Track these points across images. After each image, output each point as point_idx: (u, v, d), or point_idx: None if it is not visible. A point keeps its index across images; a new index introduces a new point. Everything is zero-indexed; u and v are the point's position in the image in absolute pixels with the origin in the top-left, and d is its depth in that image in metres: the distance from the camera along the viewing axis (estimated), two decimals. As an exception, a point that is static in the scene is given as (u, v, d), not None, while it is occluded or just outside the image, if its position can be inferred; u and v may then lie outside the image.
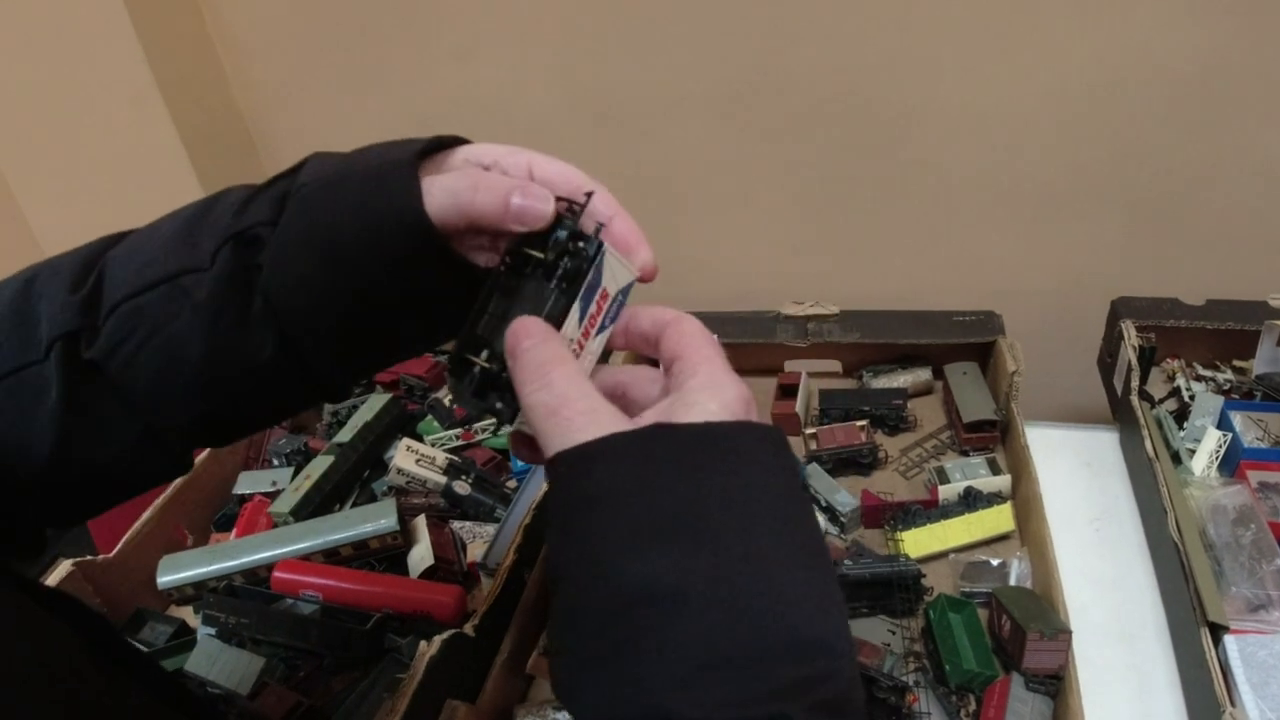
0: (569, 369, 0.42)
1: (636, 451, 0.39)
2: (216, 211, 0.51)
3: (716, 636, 0.35)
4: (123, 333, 0.49)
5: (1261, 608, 0.82)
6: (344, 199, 0.48)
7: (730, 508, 0.38)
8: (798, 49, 1.20)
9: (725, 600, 0.36)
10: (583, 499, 0.39)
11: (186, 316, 0.49)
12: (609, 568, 0.37)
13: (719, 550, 0.37)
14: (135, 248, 0.52)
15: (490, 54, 1.30)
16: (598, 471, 0.39)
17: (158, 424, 0.52)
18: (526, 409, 0.42)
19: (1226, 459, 0.96)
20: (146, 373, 0.49)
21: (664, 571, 0.36)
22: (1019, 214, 1.27)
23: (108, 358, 0.49)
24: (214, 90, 1.40)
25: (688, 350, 0.44)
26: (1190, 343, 1.10)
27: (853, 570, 0.86)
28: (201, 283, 0.49)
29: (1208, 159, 1.17)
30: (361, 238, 0.48)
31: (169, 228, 0.52)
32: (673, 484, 0.38)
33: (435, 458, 1.06)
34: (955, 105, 1.20)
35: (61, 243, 0.55)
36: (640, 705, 0.35)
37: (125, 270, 0.50)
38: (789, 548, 0.39)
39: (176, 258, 0.50)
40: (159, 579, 0.95)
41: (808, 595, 0.37)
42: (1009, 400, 1.03)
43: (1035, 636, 0.75)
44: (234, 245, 0.49)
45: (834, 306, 1.17)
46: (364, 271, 0.48)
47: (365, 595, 0.91)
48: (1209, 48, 1.09)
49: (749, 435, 0.41)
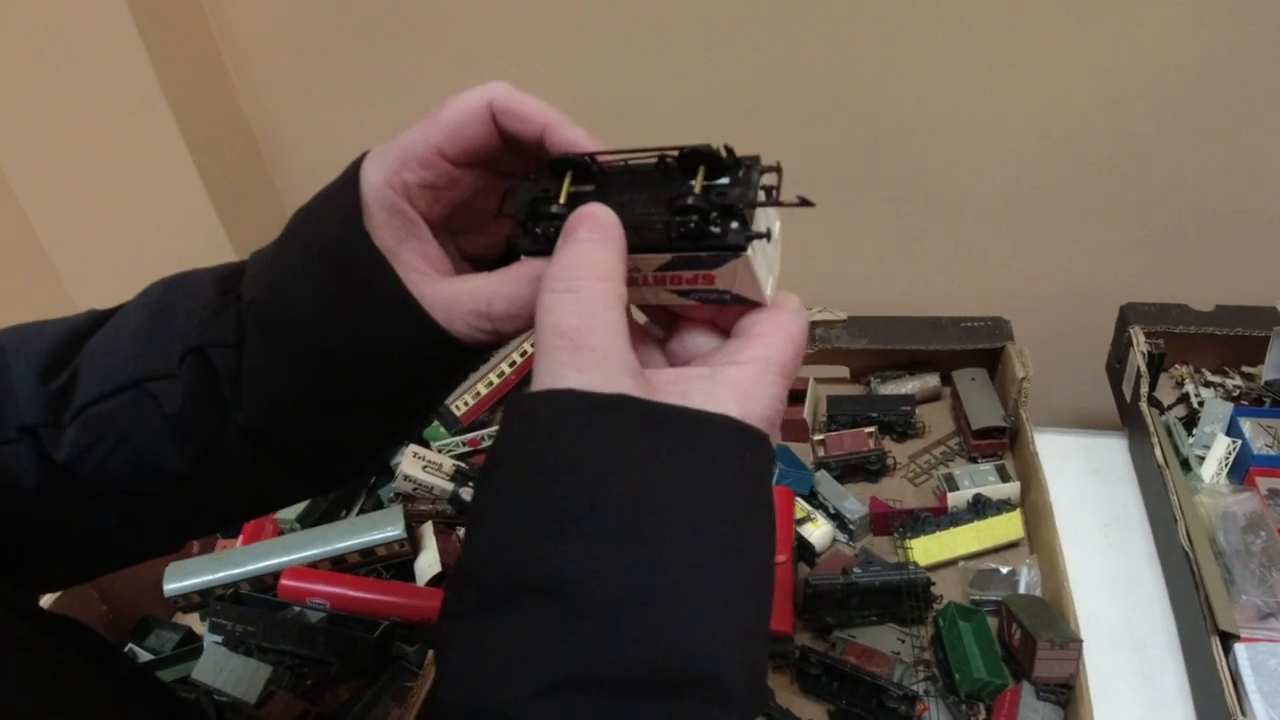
0: (609, 289, 0.36)
1: (594, 421, 0.34)
2: (181, 309, 0.48)
3: (595, 651, 0.31)
4: (90, 438, 0.46)
5: (1272, 615, 0.82)
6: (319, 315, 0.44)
7: (668, 511, 0.33)
8: (807, 54, 1.20)
9: (619, 613, 0.32)
10: (518, 452, 0.35)
11: (156, 424, 0.46)
12: (515, 539, 0.33)
13: (633, 558, 0.32)
14: (105, 343, 0.49)
15: (495, 62, 1.30)
16: (543, 432, 0.34)
17: (137, 520, 0.50)
18: (540, 305, 0.36)
19: (1236, 466, 0.96)
20: (120, 479, 0.47)
21: (565, 564, 0.32)
22: (1027, 220, 1.27)
23: (77, 461, 0.47)
24: (219, 96, 1.40)
25: (764, 340, 0.39)
26: (1199, 349, 1.10)
27: (862, 578, 0.85)
28: (170, 391, 0.46)
29: (1216, 164, 1.17)
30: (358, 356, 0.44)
31: (135, 320, 0.49)
32: (615, 468, 0.33)
33: (442, 464, 1.06)
34: (962, 111, 1.19)
35: (65, 247, 0.54)
36: (492, 704, 0.31)
37: (95, 370, 0.48)
38: (718, 576, 0.33)
39: (143, 360, 0.47)
40: (166, 586, 0.94)
41: (720, 634, 0.33)
42: (1018, 407, 1.02)
43: (1046, 645, 0.75)
44: (197, 356, 0.46)
45: (842, 312, 1.16)
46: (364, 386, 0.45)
47: (372, 603, 0.91)
48: (1217, 54, 1.09)
49: (723, 432, 0.35)
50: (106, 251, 1.47)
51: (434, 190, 0.44)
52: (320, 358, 0.44)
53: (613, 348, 0.35)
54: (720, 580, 0.33)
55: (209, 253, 1.44)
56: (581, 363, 0.34)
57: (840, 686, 0.80)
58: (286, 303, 0.44)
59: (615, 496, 0.33)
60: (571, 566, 0.32)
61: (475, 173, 0.46)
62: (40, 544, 0.49)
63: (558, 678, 0.31)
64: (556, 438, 0.34)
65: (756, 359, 0.37)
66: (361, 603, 0.91)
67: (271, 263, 0.46)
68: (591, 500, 0.33)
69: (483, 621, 0.33)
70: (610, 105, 1.30)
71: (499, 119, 0.43)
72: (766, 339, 0.38)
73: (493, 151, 0.44)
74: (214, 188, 1.39)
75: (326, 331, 0.43)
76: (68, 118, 1.33)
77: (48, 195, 1.42)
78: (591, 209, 0.38)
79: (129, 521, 0.50)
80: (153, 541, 0.54)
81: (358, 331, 0.43)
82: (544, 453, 0.34)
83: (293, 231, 0.45)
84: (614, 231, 0.37)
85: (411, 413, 0.51)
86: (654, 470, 0.33)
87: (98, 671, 0.46)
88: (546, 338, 0.36)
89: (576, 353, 0.35)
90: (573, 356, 0.35)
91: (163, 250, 1.46)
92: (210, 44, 1.37)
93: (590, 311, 0.35)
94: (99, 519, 0.49)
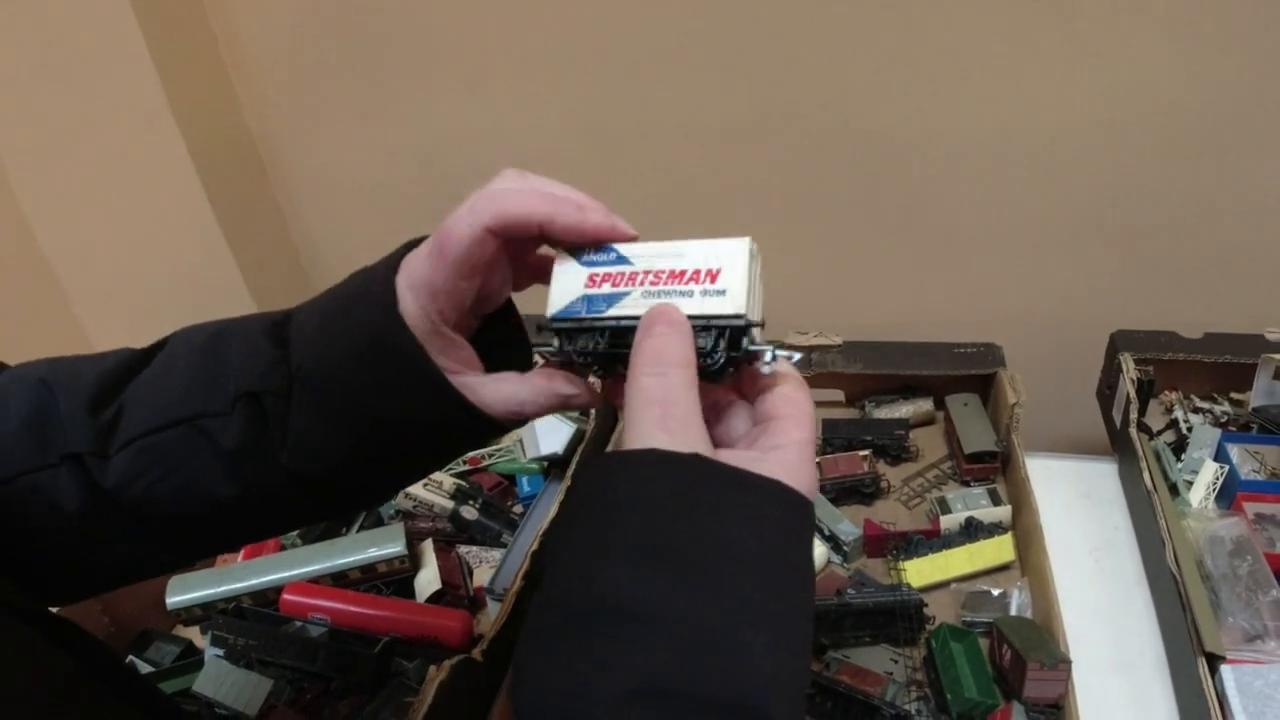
0: (688, 375, 0.43)
1: (672, 473, 0.40)
2: (231, 355, 0.52)
3: (661, 670, 0.36)
4: (140, 466, 0.51)
5: (1258, 638, 0.83)
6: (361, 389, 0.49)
7: (729, 558, 0.39)
8: (803, 81, 1.22)
9: (684, 639, 0.37)
10: (604, 498, 0.41)
11: (208, 457, 0.51)
12: (595, 568, 0.39)
13: (699, 591, 0.38)
14: (155, 381, 0.53)
15: (500, 84, 1.32)
16: (628, 479, 0.40)
17: (171, 540, 0.54)
18: (633, 384, 0.43)
19: (1223, 491, 0.97)
20: (164, 507, 0.51)
21: (639, 591, 0.37)
22: (1020, 247, 1.29)
23: (123, 489, 0.51)
24: (226, 114, 1.42)
25: (793, 420, 0.45)
26: (1188, 375, 1.11)
27: (855, 599, 0.87)
28: (225, 427, 0.51)
29: (1206, 194, 1.19)
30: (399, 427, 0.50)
31: (184, 361, 0.53)
32: (687, 515, 0.39)
33: (442, 482, 1.07)
34: (958, 139, 1.22)
35: (70, 261, 0.57)
36: (569, 710, 0.36)
37: (145, 406, 0.52)
38: (770, 618, 0.39)
39: (197, 400, 0.51)
40: (168, 599, 0.95)
41: (769, 667, 0.37)
42: (1009, 431, 1.04)
43: (1036, 666, 0.76)
44: (249, 400, 0.51)
45: (837, 337, 1.18)
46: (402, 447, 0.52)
47: (373, 619, 0.92)
48: (1207, 85, 1.11)
49: (780, 498, 0.41)
50: (111, 266, 1.48)
51: (460, 298, 0.49)
52: (365, 423, 0.50)
53: (692, 420, 0.42)
54: (771, 620, 0.39)
55: (213, 268, 1.45)
56: (670, 429, 0.41)
57: (834, 706, 0.81)
58: (332, 377, 0.50)
59: (685, 538, 0.39)
60: (644, 594, 0.37)
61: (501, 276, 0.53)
62: (71, 561, 0.52)
63: (632, 687, 0.35)
64: (640, 485, 0.40)
65: (795, 441, 0.44)
66: (362, 618, 0.92)
67: (317, 336, 0.51)
68: (666, 539, 0.38)
69: (565, 639, 0.38)
70: (610, 127, 1.33)
71: (499, 234, 0.48)
72: (797, 419, 0.45)
73: (501, 252, 0.50)
74: (219, 204, 1.40)
75: (371, 405, 0.49)
76: (76, 133, 1.34)
77: (54, 209, 1.43)
78: (665, 308, 0.45)
79: (162, 542, 0.54)
80: (177, 559, 0.58)
81: (402, 407, 0.49)
82: (627, 497, 0.40)
83: (334, 310, 0.51)
84: (685, 326, 0.45)
85: (447, 460, 0.58)
86: (719, 519, 0.39)
87: (104, 683, 0.48)
88: (638, 410, 0.42)
89: (665, 421, 0.41)
90: (663, 424, 0.41)
91: (167, 265, 1.47)
92: (218, 62, 1.38)
93: (674, 389, 0.42)
94: (133, 539, 0.53)
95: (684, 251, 0.47)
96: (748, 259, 0.46)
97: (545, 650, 0.38)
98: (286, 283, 1.58)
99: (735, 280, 0.46)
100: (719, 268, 0.46)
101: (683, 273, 0.47)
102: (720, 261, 0.46)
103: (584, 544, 0.40)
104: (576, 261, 0.49)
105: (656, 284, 0.47)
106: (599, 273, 0.48)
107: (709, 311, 0.45)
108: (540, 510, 1.03)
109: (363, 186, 1.49)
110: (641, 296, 0.47)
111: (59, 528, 0.51)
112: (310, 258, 1.61)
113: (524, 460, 1.12)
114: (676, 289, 0.46)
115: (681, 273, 0.47)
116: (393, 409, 0.49)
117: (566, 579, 0.40)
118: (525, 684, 0.38)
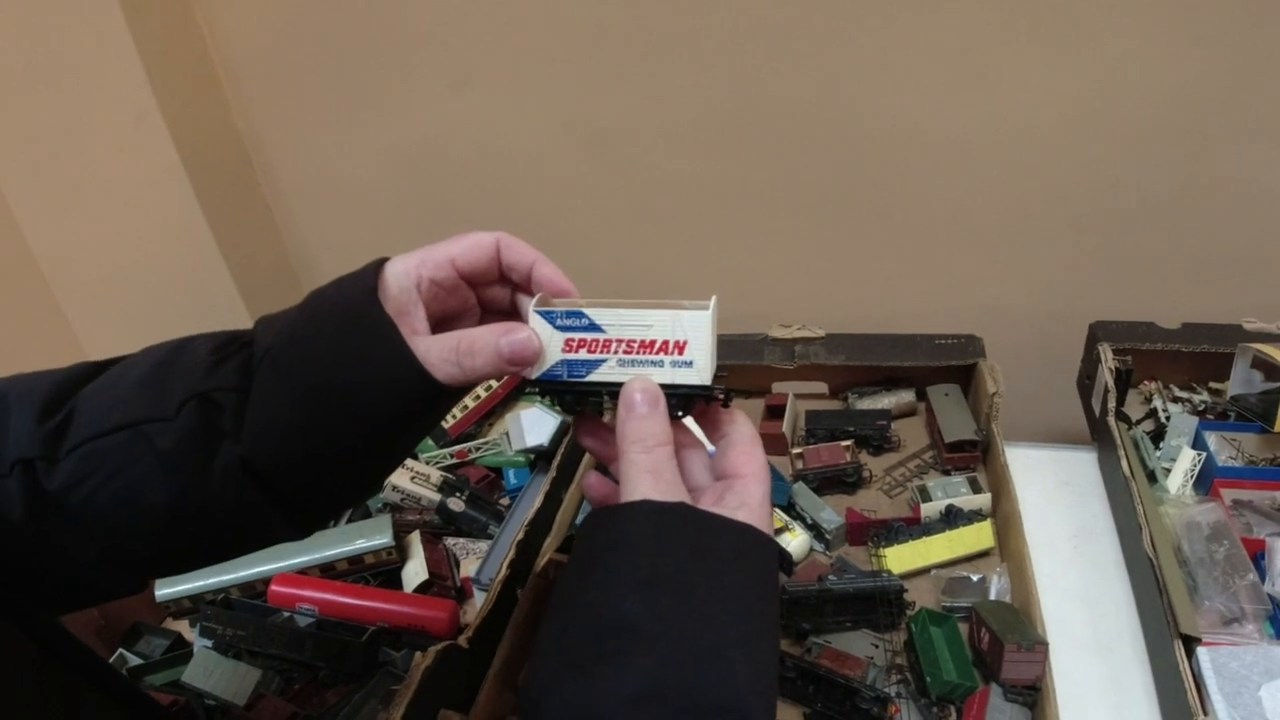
0: (669, 451, 0.52)
1: (665, 518, 0.49)
2: (185, 363, 0.55)
3: (664, 678, 0.44)
4: (84, 470, 0.51)
5: (1235, 621, 0.84)
6: (324, 358, 0.53)
7: (716, 588, 0.47)
8: (785, 79, 1.23)
9: (682, 653, 0.45)
10: (609, 540, 0.49)
11: (148, 462, 0.52)
12: (609, 597, 0.46)
13: (694, 614, 0.46)
14: (106, 388, 0.55)
15: (487, 83, 1.33)
16: (630, 524, 0.49)
17: (113, 555, 0.54)
18: (625, 458, 0.51)
19: (1201, 478, 0.98)
20: (105, 510, 0.52)
21: (646, 613, 0.45)
22: (1000, 240, 1.30)
23: (67, 492, 0.51)
24: (214, 113, 1.43)
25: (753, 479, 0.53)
26: (1166, 365, 1.12)
27: (837, 585, 0.88)
28: (165, 432, 0.52)
29: (1183, 187, 1.20)
30: (356, 394, 0.53)
31: (138, 370, 0.55)
32: (681, 552, 0.48)
33: (430, 475, 1.08)
34: (938, 133, 1.23)
35: (59, 262, 0.58)
36: (589, 709, 0.43)
37: (93, 411, 0.53)
38: (748, 636, 0.47)
39: (142, 405, 0.53)
40: (157, 591, 0.96)
41: (748, 675, 0.46)
42: (989, 421, 1.05)
43: (1013, 648, 0.77)
44: (198, 402, 0.53)
45: (820, 330, 1.19)
46: (360, 421, 0.53)
47: (360, 609, 0.93)
48: (1183, 79, 1.13)
49: (753, 542, 0.50)
50: (99, 264, 1.49)
51: (437, 288, 0.56)
52: (326, 394, 0.52)
53: (676, 482, 0.51)
54: (748, 636, 0.47)
55: (201, 267, 1.46)
56: (660, 489, 0.50)
57: (815, 690, 0.82)
58: (304, 350, 0.53)
59: (673, 569, 0.47)
60: (648, 614, 0.45)
61: (469, 294, 0.59)
62: (21, 577, 0.53)
63: (640, 691, 0.43)
64: (635, 527, 0.49)
65: (756, 497, 0.52)
66: (350, 609, 0.93)
67: (291, 320, 0.55)
68: (664, 571, 0.47)
69: (582, 654, 0.46)
70: (595, 125, 1.34)
71: (502, 251, 0.57)
72: (756, 477, 0.53)
73: (490, 275, 0.58)
74: (208, 204, 1.41)
75: (335, 374, 0.52)
76: (65, 133, 1.35)
77: (42, 208, 1.43)
78: (644, 385, 0.53)
79: (106, 557, 0.54)
80: (125, 579, 0.59)
81: (362, 372, 0.52)
82: (624, 537, 0.48)
83: (314, 299, 0.55)
84: (661, 403, 0.53)
85: (388, 457, 0.60)
86: (701, 554, 0.48)
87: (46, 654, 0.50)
88: (635, 479, 0.50)
89: (655, 482, 0.50)
90: (653, 485, 0.50)
91: (156, 265, 1.47)
92: (207, 63, 1.39)
93: (661, 461, 0.51)
94: (79, 552, 0.53)
95: (651, 322, 0.53)
96: (710, 328, 0.52)
97: (564, 665, 0.46)
98: (275, 282, 1.58)
99: (700, 353, 0.53)
100: (685, 339, 0.52)
101: (652, 343, 0.53)
102: (686, 333, 0.52)
103: (594, 577, 0.48)
104: (551, 326, 0.54)
105: (630, 353, 0.53)
106: (574, 339, 0.54)
107: (679, 382, 0.53)
108: (526, 502, 1.04)
109: (351, 186, 1.50)
110: (618, 364, 0.54)
111: (7, 537, 0.51)
112: (299, 257, 1.62)
113: (510, 453, 1.13)
114: (648, 359, 0.53)
115: (651, 343, 0.53)
116: (353, 375, 0.52)
117: (579, 607, 0.47)
118: (547, 690, 0.45)
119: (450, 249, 0.56)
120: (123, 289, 1.52)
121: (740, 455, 0.54)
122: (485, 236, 0.57)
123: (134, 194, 1.40)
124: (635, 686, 0.43)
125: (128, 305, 1.53)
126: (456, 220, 1.46)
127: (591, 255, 1.41)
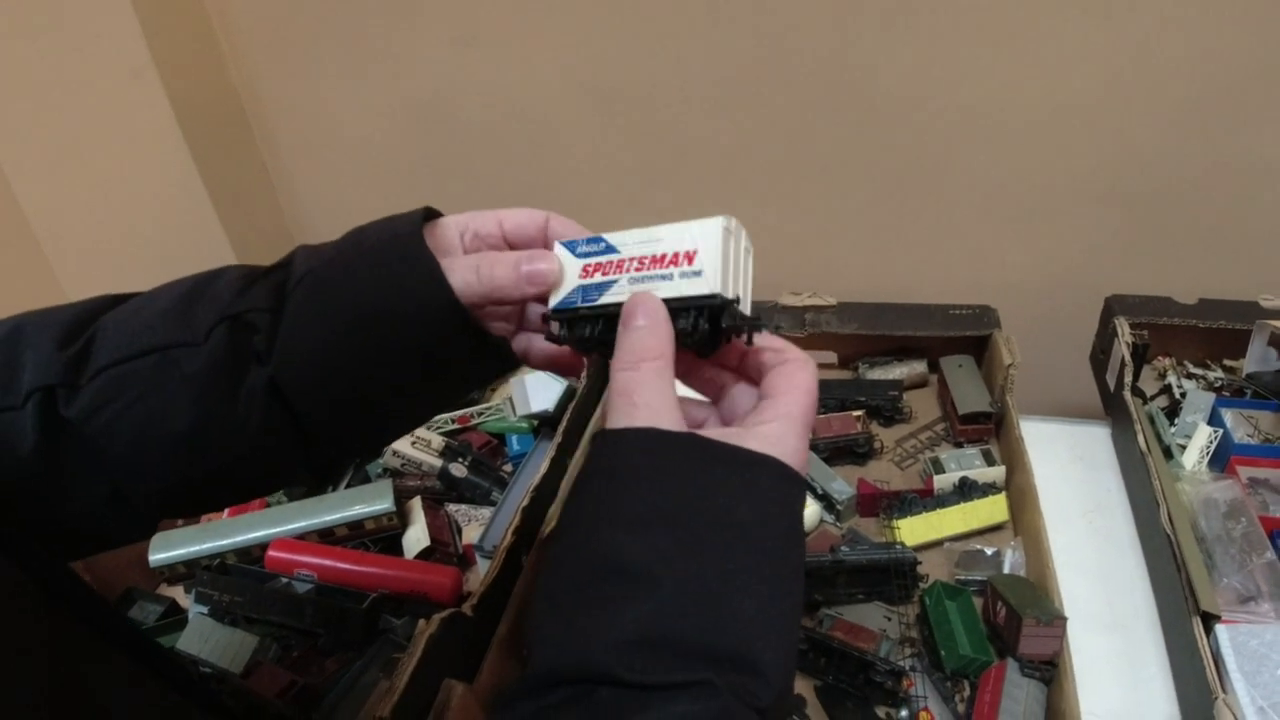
0: (659, 365, 0.46)
1: (667, 448, 0.43)
2: (215, 289, 0.53)
3: (665, 622, 0.39)
4: (107, 395, 0.50)
5: (1251, 599, 0.83)
6: (362, 280, 0.51)
7: (726, 525, 0.42)
8: (803, 42, 1.20)
9: (686, 596, 0.40)
10: (604, 470, 0.44)
11: (173, 387, 0.50)
12: (602, 532, 0.42)
13: (700, 553, 0.41)
14: (129, 315, 0.53)
15: (493, 37, 1.30)
16: (626, 452, 0.44)
17: (126, 488, 0.53)
18: (611, 379, 0.47)
19: (1217, 455, 0.97)
20: (124, 438, 0.50)
21: (644, 552, 0.40)
22: (1017, 210, 1.28)
23: (87, 419, 0.50)
24: (210, 68, 1.39)
25: (785, 398, 0.47)
26: (1182, 341, 1.11)
27: (849, 556, 0.86)
28: (193, 356, 0.51)
29: (1203, 161, 1.19)
30: (387, 317, 0.51)
31: (165, 299, 0.54)
32: (685, 485, 0.42)
33: (431, 440, 1.05)
34: (957, 102, 1.20)
35: (51, 219, 0.56)
36: (581, 655, 0.39)
37: (117, 336, 0.52)
38: (762, 579, 0.41)
39: (170, 330, 0.51)
40: (151, 556, 0.94)
41: (760, 623, 0.40)
42: (1004, 393, 1.03)
43: (1031, 622, 0.76)
44: (229, 325, 0.51)
45: (832, 298, 1.17)
46: (388, 347, 0.52)
47: (361, 575, 0.91)
48: (1208, 52, 1.10)
49: (771, 471, 0.44)
50: (91, 223, 1.46)
51: (480, 243, 0.56)
52: (358, 317, 0.51)
53: (657, 404, 0.45)
54: (759, 580, 0.41)
55: (195, 223, 1.43)
56: (643, 414, 0.44)
57: (827, 662, 0.81)
58: (344, 271, 0.52)
59: (678, 505, 0.42)
60: (641, 555, 0.40)
61: None
62: (25, 516, 0.50)
63: (632, 638, 0.38)
64: (636, 458, 0.43)
65: (780, 416, 0.46)
66: (350, 575, 0.91)
67: (335, 246, 0.54)
68: (658, 506, 0.42)
69: (573, 596, 0.41)
70: (607, 83, 1.31)
71: (551, 224, 0.57)
72: (787, 396, 0.47)
73: (535, 245, 0.56)
74: (203, 161, 1.38)
75: (369, 298, 0.51)
76: (59, 88, 1.32)
77: (33, 166, 1.41)
78: (643, 299, 0.48)
79: (116, 492, 0.52)
80: (133, 520, 0.56)
81: (397, 299, 0.51)
82: (625, 468, 0.43)
83: (359, 230, 0.55)
84: (660, 315, 0.47)
85: (413, 400, 0.58)
86: (708, 489, 0.42)
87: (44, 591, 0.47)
88: (612, 400, 0.46)
89: (631, 411, 0.44)
90: (628, 414, 0.44)
91: (149, 219, 1.45)
92: (202, 15, 1.36)
93: (643, 380, 0.45)
94: (88, 489, 0.51)
95: (663, 236, 0.49)
96: (721, 238, 0.47)
97: (555, 607, 0.41)
98: (271, 240, 1.56)
99: (710, 260, 0.47)
100: (695, 249, 0.48)
101: (663, 256, 0.49)
102: (696, 243, 0.48)
103: (587, 511, 0.43)
104: (572, 254, 0.53)
105: (640, 270, 0.49)
106: (591, 263, 0.52)
107: (686, 293, 0.48)
108: (531, 468, 1.02)
109: (350, 143, 1.46)
110: (628, 283, 0.50)
111: (14, 473, 0.49)
112: (295, 215, 1.59)
113: (514, 419, 1.11)
114: (658, 274, 0.49)
115: (662, 256, 0.49)
116: (388, 300, 0.51)
117: (573, 543, 0.43)
118: (538, 639, 0.41)
119: (500, 211, 0.56)
120: (116, 248, 1.49)
121: (781, 376, 0.48)
122: (537, 211, 0.57)
123: (128, 149, 1.37)
124: (627, 632, 0.39)
125: (121, 265, 1.50)
126: (462, 182, 1.43)
127: (601, 218, 1.37)
